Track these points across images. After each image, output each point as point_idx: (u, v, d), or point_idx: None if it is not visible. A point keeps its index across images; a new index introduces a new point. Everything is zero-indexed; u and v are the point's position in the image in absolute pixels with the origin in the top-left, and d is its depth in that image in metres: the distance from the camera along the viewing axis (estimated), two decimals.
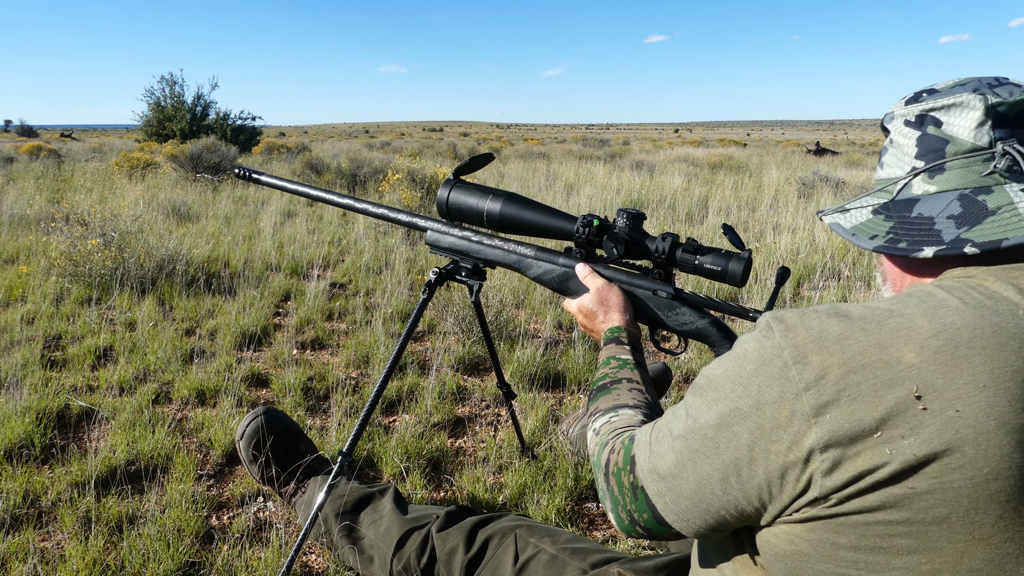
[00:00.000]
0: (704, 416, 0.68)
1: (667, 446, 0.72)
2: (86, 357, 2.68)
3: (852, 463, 0.59)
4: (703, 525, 0.71)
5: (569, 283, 1.20)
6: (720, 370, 0.69)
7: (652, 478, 0.73)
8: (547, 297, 3.53)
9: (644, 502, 0.74)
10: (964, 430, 0.56)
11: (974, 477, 0.56)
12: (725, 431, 0.66)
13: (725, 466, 0.66)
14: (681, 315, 1.11)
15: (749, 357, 0.66)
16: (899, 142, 0.75)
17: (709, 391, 0.69)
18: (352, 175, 8.53)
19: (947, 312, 0.61)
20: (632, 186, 8.05)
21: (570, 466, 1.90)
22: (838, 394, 0.60)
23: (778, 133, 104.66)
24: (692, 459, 0.69)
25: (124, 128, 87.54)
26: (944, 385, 0.57)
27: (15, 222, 5.16)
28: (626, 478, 0.77)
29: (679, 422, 0.72)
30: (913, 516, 0.58)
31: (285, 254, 4.45)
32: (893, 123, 0.77)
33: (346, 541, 1.45)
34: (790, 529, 0.65)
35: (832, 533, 0.62)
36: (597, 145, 21.98)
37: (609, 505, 0.80)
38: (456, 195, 1.28)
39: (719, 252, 1.04)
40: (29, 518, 1.67)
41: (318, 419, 2.26)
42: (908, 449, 0.57)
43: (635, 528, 0.77)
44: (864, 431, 0.58)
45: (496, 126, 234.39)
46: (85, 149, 16.55)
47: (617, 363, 1.01)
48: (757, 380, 0.64)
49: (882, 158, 0.79)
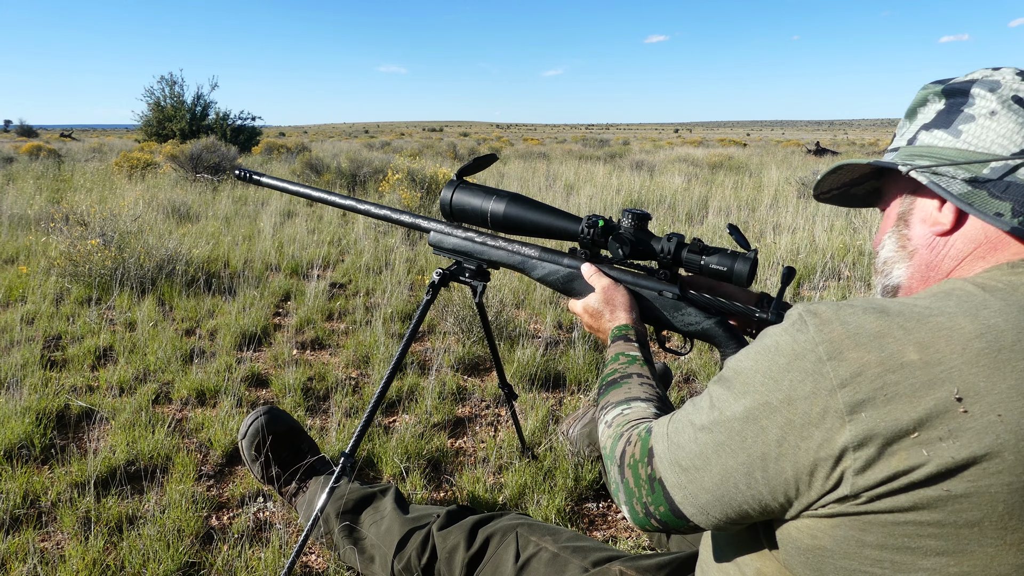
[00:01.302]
0: (731, 408, 0.67)
1: (688, 437, 0.70)
2: (86, 357, 2.68)
3: (887, 463, 0.58)
4: (723, 518, 0.69)
5: (574, 284, 1.19)
6: (749, 362, 0.67)
7: (673, 470, 0.71)
8: (547, 297, 3.53)
9: (661, 494, 0.73)
10: (1005, 435, 0.55)
11: (1012, 483, 0.55)
12: (753, 424, 0.64)
13: (751, 460, 0.65)
14: (687, 315, 1.11)
15: (781, 351, 0.64)
16: (1004, 116, 0.69)
17: (737, 383, 0.67)
18: (352, 175, 8.53)
19: (990, 313, 0.60)
20: (632, 186, 8.04)
21: (570, 466, 1.89)
22: (875, 392, 0.58)
23: (778, 133, 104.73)
24: (717, 451, 0.67)
25: (124, 128, 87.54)
26: (986, 388, 0.56)
27: (15, 222, 5.16)
28: (643, 470, 0.75)
29: (702, 414, 0.70)
30: (945, 518, 0.57)
31: (285, 254, 4.44)
32: (995, 93, 0.70)
33: (347, 541, 1.44)
34: (813, 524, 0.64)
35: (858, 531, 0.61)
36: (597, 145, 21.98)
37: (623, 497, 0.78)
38: (460, 196, 1.28)
39: (725, 252, 1.04)
40: (29, 518, 1.67)
41: (318, 419, 2.26)
42: (946, 452, 0.56)
43: (650, 521, 0.76)
44: (901, 431, 0.57)
45: (496, 126, 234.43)
46: (85, 149, 16.54)
47: (626, 359, 1.00)
48: (789, 375, 0.63)
49: (959, 124, 0.72)
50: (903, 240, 0.77)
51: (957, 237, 0.71)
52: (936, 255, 0.73)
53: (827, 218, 5.72)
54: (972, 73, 0.75)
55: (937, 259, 0.73)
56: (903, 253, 0.76)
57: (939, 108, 0.74)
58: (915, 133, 0.76)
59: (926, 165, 0.71)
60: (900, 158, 0.76)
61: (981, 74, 0.73)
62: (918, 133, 0.76)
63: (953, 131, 0.71)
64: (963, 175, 0.69)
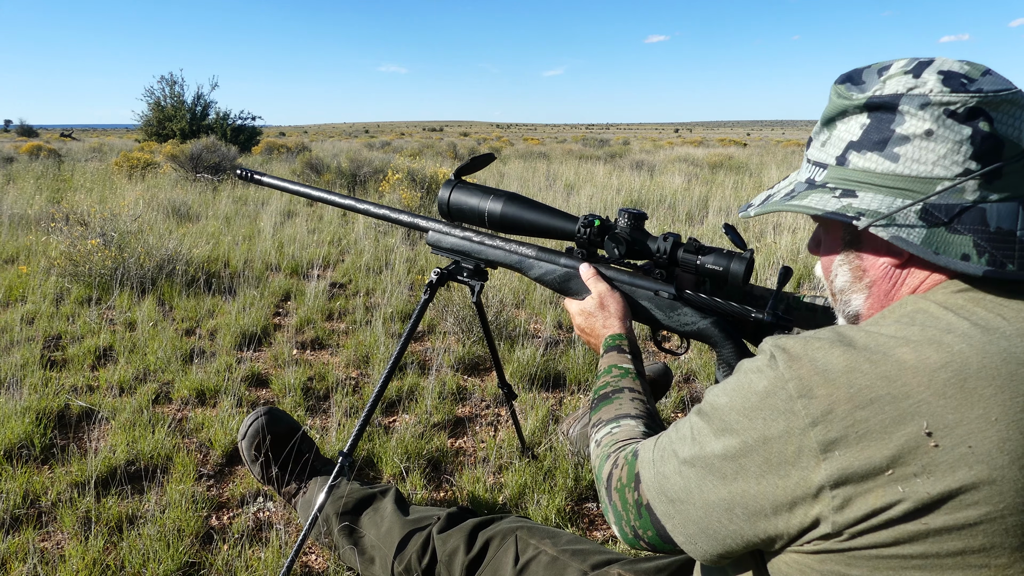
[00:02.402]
0: (710, 446, 0.67)
1: (673, 468, 0.71)
2: (86, 357, 2.68)
3: (864, 500, 0.58)
4: (710, 551, 0.70)
5: (570, 283, 1.20)
6: (725, 399, 0.67)
7: (660, 499, 0.72)
8: (547, 297, 3.53)
9: (649, 520, 0.73)
10: (977, 466, 0.55)
11: (989, 513, 0.55)
12: (732, 463, 0.65)
13: (732, 496, 0.65)
14: (683, 315, 1.11)
15: (753, 388, 0.64)
16: (941, 135, 0.64)
17: (715, 419, 0.67)
18: (352, 175, 8.52)
19: (954, 339, 0.59)
20: (632, 186, 8.04)
21: (570, 466, 1.89)
22: (846, 430, 0.58)
23: (778, 133, 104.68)
24: (699, 486, 0.68)
25: (124, 128, 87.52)
26: (955, 420, 0.56)
27: (15, 222, 5.16)
28: (630, 495, 0.76)
29: (685, 445, 0.70)
30: (927, 550, 0.57)
31: (285, 254, 4.44)
32: (926, 110, 0.64)
33: (347, 541, 1.44)
34: (800, 559, 0.64)
35: (844, 565, 0.61)
36: (597, 145, 21.97)
37: (612, 518, 0.79)
38: (457, 195, 1.28)
39: (721, 252, 1.04)
40: (29, 518, 1.67)
41: (318, 419, 2.26)
42: (921, 488, 0.56)
43: (639, 543, 0.76)
44: (875, 469, 0.57)
45: (496, 126, 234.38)
46: (85, 149, 16.55)
47: (619, 372, 1.00)
48: (762, 413, 0.63)
49: (893, 147, 0.66)
50: (857, 272, 0.73)
51: (913, 266, 0.69)
52: (894, 284, 0.71)
53: None
54: (888, 75, 0.68)
55: (895, 287, 0.71)
56: (859, 284, 0.74)
57: (863, 123, 0.68)
58: (843, 152, 0.70)
59: (883, 215, 0.66)
60: (833, 180, 0.71)
61: (903, 84, 0.66)
62: (847, 153, 0.70)
63: (889, 155, 0.66)
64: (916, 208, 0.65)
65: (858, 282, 0.74)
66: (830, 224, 0.76)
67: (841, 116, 0.71)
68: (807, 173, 0.76)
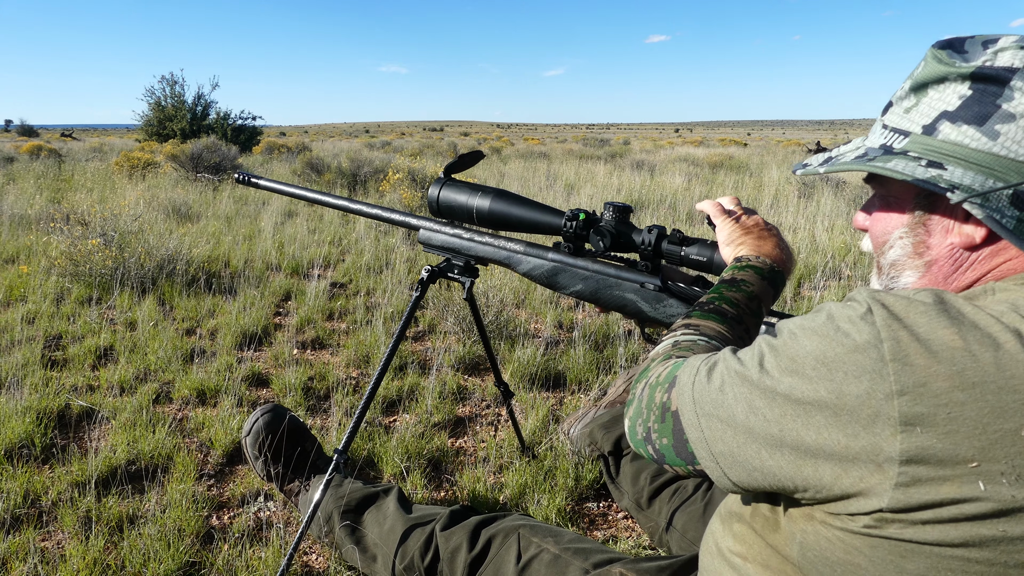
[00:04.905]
0: (775, 381, 0.61)
1: (723, 380, 0.64)
2: (86, 357, 2.68)
3: (935, 487, 0.53)
4: (734, 477, 0.65)
5: (558, 277, 1.20)
6: (804, 340, 0.60)
7: (691, 408, 0.66)
8: (547, 297, 3.53)
9: (671, 427, 0.68)
10: None
11: None
12: (795, 406, 0.59)
13: (783, 436, 0.60)
14: (669, 307, 1.10)
15: (840, 338, 0.58)
16: None
17: (786, 358, 0.61)
18: (352, 175, 8.53)
19: None
20: (632, 186, 8.04)
21: (570, 466, 1.89)
22: (937, 409, 0.53)
23: (779, 133, 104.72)
24: (748, 413, 0.62)
25: (124, 128, 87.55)
26: None
27: (15, 222, 5.16)
28: (660, 395, 0.70)
29: (747, 366, 0.64)
30: (996, 558, 0.53)
31: (285, 254, 4.44)
32: None
33: (349, 540, 1.44)
34: (848, 538, 0.60)
35: (899, 556, 0.57)
36: (598, 145, 21.98)
37: (631, 412, 0.74)
38: (446, 193, 1.29)
39: (704, 242, 1.03)
40: (29, 518, 1.67)
41: (319, 419, 2.26)
42: (1007, 491, 0.52)
43: (647, 447, 0.71)
44: (957, 458, 0.53)
45: (497, 126, 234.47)
46: (85, 149, 16.55)
47: (747, 298, 0.87)
48: (844, 367, 0.57)
49: (995, 124, 0.61)
50: (920, 247, 0.69)
51: (986, 250, 0.65)
52: (958, 267, 0.67)
53: (828, 218, 5.71)
54: (999, 47, 0.63)
55: (958, 272, 0.67)
56: (919, 261, 0.69)
57: (963, 94, 0.63)
58: (934, 121, 0.65)
59: (978, 193, 0.61)
60: (916, 149, 0.66)
61: (1019, 59, 0.61)
62: (939, 123, 0.64)
63: (989, 131, 0.61)
64: (1008, 192, 0.61)
65: (917, 258, 0.69)
66: (900, 192, 0.70)
67: (937, 83, 0.65)
68: (881, 139, 0.70)
